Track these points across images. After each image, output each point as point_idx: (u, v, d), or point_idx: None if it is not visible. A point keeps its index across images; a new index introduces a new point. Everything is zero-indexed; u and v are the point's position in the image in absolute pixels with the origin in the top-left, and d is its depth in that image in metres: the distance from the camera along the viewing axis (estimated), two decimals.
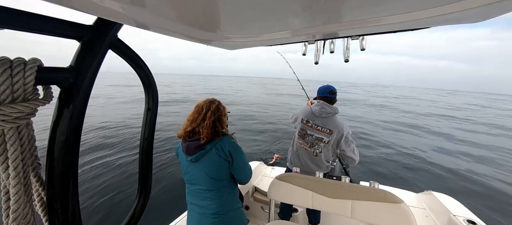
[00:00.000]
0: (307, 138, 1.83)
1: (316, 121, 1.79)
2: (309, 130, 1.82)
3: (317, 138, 1.79)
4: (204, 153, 1.13)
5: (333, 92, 1.82)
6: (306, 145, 1.84)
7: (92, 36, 0.57)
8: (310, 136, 1.81)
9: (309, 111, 1.86)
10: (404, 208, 1.06)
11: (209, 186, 1.15)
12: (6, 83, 0.43)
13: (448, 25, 0.61)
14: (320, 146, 1.78)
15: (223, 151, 1.13)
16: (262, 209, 2.19)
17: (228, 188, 1.18)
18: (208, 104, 1.21)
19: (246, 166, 1.22)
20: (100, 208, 3.45)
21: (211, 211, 1.16)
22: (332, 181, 1.28)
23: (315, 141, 1.79)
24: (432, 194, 2.09)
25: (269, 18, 0.55)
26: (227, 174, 1.17)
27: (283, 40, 0.86)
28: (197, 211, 1.20)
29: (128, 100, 16.43)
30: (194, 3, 0.43)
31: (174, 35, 0.69)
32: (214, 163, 1.13)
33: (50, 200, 0.56)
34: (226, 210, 1.17)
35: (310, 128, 1.82)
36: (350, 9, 0.49)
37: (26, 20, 0.45)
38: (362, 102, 23.43)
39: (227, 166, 1.15)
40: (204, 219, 1.17)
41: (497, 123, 14.63)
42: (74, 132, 0.57)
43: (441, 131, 10.67)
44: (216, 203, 1.16)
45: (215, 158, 1.13)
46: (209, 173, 1.14)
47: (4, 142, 0.45)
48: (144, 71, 0.81)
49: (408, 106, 22.42)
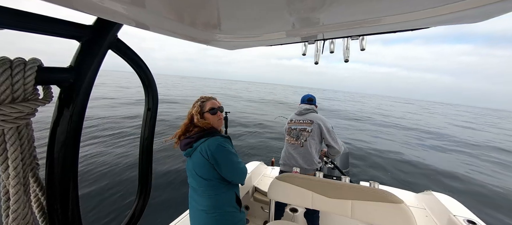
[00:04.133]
0: (292, 132, 2.13)
1: (298, 118, 2.15)
2: (293, 126, 2.14)
3: (300, 129, 2.08)
4: (192, 151, 1.16)
5: (311, 99, 2.23)
6: (292, 139, 2.10)
7: (92, 36, 0.57)
8: (295, 130, 2.11)
9: (293, 115, 2.22)
10: (404, 208, 1.06)
11: (197, 183, 1.16)
12: (6, 83, 0.43)
13: (448, 25, 0.61)
14: (304, 135, 2.04)
15: (206, 153, 1.11)
16: (262, 209, 2.19)
17: (218, 189, 1.15)
18: (194, 103, 1.27)
19: (235, 167, 1.16)
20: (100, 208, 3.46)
21: (202, 207, 1.16)
22: (332, 181, 1.28)
23: (299, 133, 2.07)
24: (432, 194, 2.09)
25: (269, 18, 0.55)
26: (213, 175, 1.13)
27: (283, 40, 0.86)
28: (193, 205, 1.22)
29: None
30: (194, 3, 0.43)
31: (174, 35, 0.69)
32: (200, 163, 1.13)
33: (50, 200, 0.56)
34: (217, 210, 1.14)
35: (294, 124, 2.15)
36: (350, 9, 0.49)
37: (26, 20, 0.45)
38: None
39: (211, 167, 1.12)
40: (197, 213, 1.18)
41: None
42: (74, 132, 0.57)
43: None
44: (206, 201, 1.14)
45: (200, 158, 1.12)
46: (197, 171, 1.15)
47: (4, 142, 0.45)
48: (144, 71, 0.81)
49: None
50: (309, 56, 1.37)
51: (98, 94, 17.02)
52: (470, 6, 0.43)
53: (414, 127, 15.15)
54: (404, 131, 12.85)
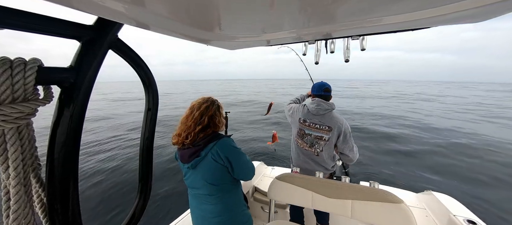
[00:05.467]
0: (306, 138, 1.76)
1: (314, 120, 1.73)
2: (307, 130, 1.75)
3: (316, 136, 1.72)
4: (200, 160, 1.08)
5: (328, 89, 1.78)
6: (306, 145, 1.76)
7: (92, 36, 0.57)
8: (309, 135, 1.74)
9: (305, 110, 1.80)
10: (404, 208, 1.06)
11: (209, 191, 1.10)
12: (6, 83, 0.43)
13: (448, 25, 0.61)
14: (321, 144, 1.71)
15: (219, 157, 1.05)
16: (262, 209, 2.19)
17: (229, 191, 1.13)
18: (200, 104, 1.13)
19: (247, 166, 1.15)
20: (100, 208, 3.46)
21: (213, 215, 1.11)
22: (332, 181, 1.28)
23: (315, 140, 1.72)
24: (432, 194, 2.09)
25: (269, 19, 0.55)
26: (227, 178, 1.10)
27: (283, 40, 0.86)
28: (199, 214, 1.16)
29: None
30: (195, 3, 0.43)
31: (174, 34, 0.69)
32: (212, 169, 1.07)
33: (50, 200, 0.56)
34: (229, 213, 1.12)
35: (308, 127, 1.75)
36: (350, 10, 0.49)
37: (26, 20, 0.45)
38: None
39: (225, 171, 1.09)
40: (206, 222, 1.14)
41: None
42: (74, 132, 0.57)
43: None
44: (217, 207, 1.11)
45: (212, 164, 1.06)
46: (207, 179, 1.08)
47: (4, 142, 0.45)
48: (144, 71, 0.81)
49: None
50: (309, 56, 1.37)
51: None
52: (470, 6, 0.43)
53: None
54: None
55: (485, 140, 7.68)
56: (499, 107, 18.16)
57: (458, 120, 11.56)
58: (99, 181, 4.35)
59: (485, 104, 20.67)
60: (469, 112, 14.68)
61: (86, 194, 3.86)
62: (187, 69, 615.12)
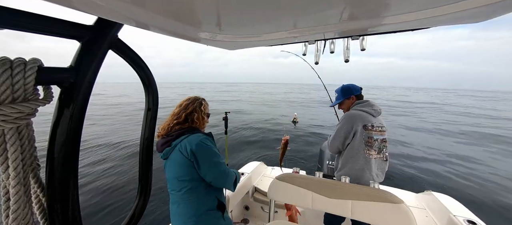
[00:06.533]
0: (375, 144, 1.56)
1: (378, 123, 1.59)
2: (375, 135, 1.56)
3: (382, 140, 1.57)
4: (169, 150, 1.07)
5: (361, 89, 1.74)
6: (375, 152, 1.56)
7: (92, 36, 0.57)
8: (377, 141, 1.56)
9: (363, 114, 1.59)
10: (404, 208, 1.06)
11: (176, 187, 1.06)
12: (6, 83, 0.43)
13: (448, 25, 0.61)
14: (386, 147, 1.59)
15: (185, 150, 1.01)
16: (262, 209, 2.19)
17: (198, 192, 1.05)
18: (182, 102, 1.17)
19: (218, 169, 1.04)
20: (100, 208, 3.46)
21: (178, 215, 1.06)
22: (332, 181, 1.28)
23: (382, 144, 1.57)
24: (432, 194, 2.09)
25: (269, 19, 0.55)
26: (192, 175, 1.03)
27: (283, 40, 0.86)
28: (174, 211, 1.10)
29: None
30: (195, 3, 0.43)
31: (174, 35, 0.69)
32: (177, 162, 1.04)
33: (50, 201, 0.56)
34: (195, 217, 1.03)
35: (375, 132, 1.56)
36: (350, 10, 0.49)
37: (26, 20, 0.45)
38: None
39: (190, 166, 1.02)
40: (175, 221, 1.09)
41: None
42: (74, 132, 0.57)
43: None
44: (182, 207, 1.05)
45: (178, 156, 1.03)
46: (174, 173, 1.06)
47: (4, 142, 0.45)
48: (144, 71, 0.81)
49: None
50: (309, 56, 1.37)
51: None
52: (470, 6, 0.43)
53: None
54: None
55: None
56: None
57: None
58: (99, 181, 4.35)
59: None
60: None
61: (86, 194, 3.85)
62: (187, 70, 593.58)
